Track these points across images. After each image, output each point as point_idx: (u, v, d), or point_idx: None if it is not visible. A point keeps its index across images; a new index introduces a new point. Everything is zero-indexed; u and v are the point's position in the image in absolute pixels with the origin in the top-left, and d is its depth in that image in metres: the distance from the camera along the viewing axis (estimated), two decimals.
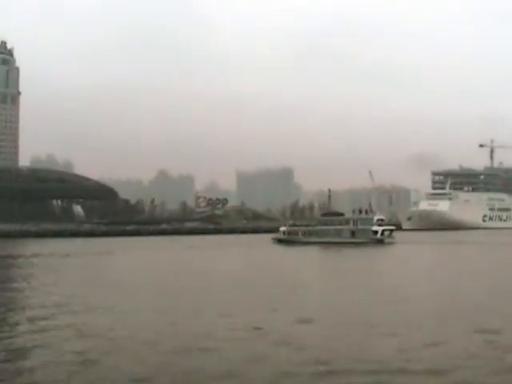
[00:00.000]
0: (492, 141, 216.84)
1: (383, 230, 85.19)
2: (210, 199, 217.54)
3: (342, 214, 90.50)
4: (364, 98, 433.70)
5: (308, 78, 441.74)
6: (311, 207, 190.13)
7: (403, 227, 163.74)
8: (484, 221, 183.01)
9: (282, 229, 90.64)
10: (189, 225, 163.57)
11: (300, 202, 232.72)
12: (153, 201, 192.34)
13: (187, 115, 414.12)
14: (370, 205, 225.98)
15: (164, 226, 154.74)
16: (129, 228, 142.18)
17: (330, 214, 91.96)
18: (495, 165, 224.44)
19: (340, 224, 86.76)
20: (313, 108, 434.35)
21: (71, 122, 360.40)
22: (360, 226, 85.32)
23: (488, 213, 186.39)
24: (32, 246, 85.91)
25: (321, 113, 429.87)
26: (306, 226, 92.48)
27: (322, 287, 35.41)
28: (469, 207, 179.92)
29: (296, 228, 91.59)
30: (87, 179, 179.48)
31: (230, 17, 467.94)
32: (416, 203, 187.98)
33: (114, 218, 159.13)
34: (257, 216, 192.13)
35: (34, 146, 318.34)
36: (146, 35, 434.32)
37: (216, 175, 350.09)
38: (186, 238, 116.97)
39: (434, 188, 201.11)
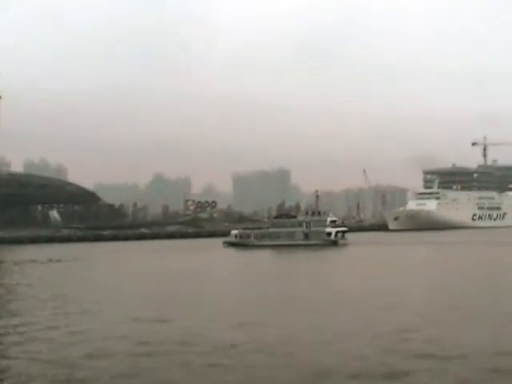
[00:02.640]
0: (485, 138, 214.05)
1: (337, 232, 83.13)
2: (198, 202, 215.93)
3: (294, 217, 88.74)
4: (362, 97, 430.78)
5: (306, 78, 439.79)
6: (298, 208, 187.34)
7: (390, 227, 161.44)
8: (473, 220, 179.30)
9: (234, 232, 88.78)
10: (170, 229, 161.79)
11: (299, 203, 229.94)
12: (135, 205, 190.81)
13: (184, 117, 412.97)
14: (358, 205, 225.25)
15: (143, 231, 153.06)
16: (106, 233, 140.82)
17: (283, 217, 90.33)
18: (489, 162, 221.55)
19: (293, 226, 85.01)
20: (311, 108, 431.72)
21: (66, 126, 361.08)
22: (313, 228, 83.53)
23: (477, 212, 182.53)
24: None
25: (319, 113, 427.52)
26: (259, 228, 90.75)
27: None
28: (457, 206, 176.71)
29: (248, 231, 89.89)
30: (69, 184, 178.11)
31: (228, 17, 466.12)
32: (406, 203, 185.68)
33: (95, 223, 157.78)
34: (242, 218, 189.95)
35: (27, 150, 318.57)
36: (144, 36, 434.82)
37: (213, 178, 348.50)
38: (160, 243, 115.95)
39: (426, 187, 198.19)
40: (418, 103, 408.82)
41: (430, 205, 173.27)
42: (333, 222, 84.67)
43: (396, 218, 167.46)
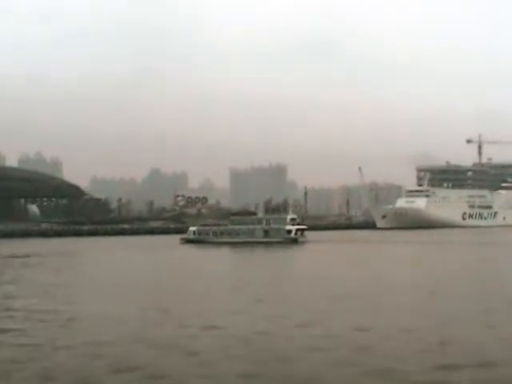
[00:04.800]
0: (480, 136, 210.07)
1: (297, 230, 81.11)
2: (189, 197, 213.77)
3: (254, 214, 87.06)
4: (362, 95, 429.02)
5: (305, 75, 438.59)
6: (285, 204, 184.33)
7: (378, 226, 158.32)
8: (464, 219, 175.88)
9: (192, 229, 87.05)
10: (153, 224, 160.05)
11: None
12: (119, 200, 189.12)
13: (182, 113, 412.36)
14: (347, 202, 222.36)
15: (125, 226, 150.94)
16: (85, 228, 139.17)
17: (242, 214, 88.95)
18: (484, 161, 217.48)
19: (253, 223, 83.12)
20: (309, 105, 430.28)
21: (62, 120, 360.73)
22: (273, 226, 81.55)
23: (468, 210, 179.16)
24: None
25: (317, 110, 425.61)
26: (217, 225, 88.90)
27: None
28: (447, 204, 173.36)
29: (207, 228, 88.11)
30: (53, 178, 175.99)
31: (228, 15, 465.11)
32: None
33: (77, 218, 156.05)
34: (229, 215, 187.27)
35: (23, 145, 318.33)
36: (141, 33, 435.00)
37: (211, 173, 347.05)
38: (135, 238, 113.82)
39: (419, 185, 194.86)
40: (418, 102, 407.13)
41: (419, 203, 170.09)
42: (293, 219, 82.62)
43: (384, 216, 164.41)
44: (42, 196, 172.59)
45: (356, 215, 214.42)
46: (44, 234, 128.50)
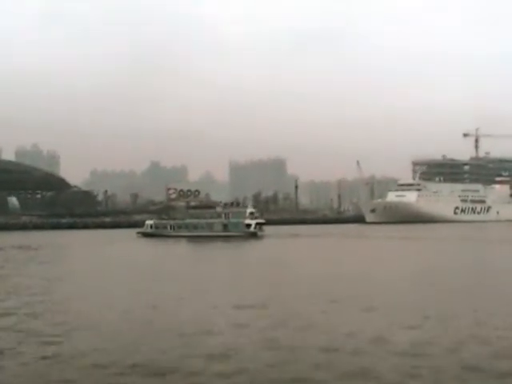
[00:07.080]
0: (477, 130, 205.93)
1: (256, 224, 78.77)
2: (181, 190, 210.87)
3: (213, 207, 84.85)
4: (364, 89, 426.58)
5: (305, 68, 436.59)
6: (275, 198, 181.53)
7: (367, 220, 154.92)
8: (456, 213, 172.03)
9: (149, 222, 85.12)
10: (137, 217, 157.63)
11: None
12: (105, 192, 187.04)
13: (183, 107, 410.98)
14: (339, 196, 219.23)
15: (106, 219, 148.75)
16: (64, 221, 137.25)
17: (201, 207, 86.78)
18: (481, 155, 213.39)
19: (211, 217, 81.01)
20: (310, 98, 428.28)
21: (61, 112, 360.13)
22: (232, 220, 79.59)
23: (460, 205, 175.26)
24: None
25: (318, 103, 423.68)
26: (174, 219, 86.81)
27: None
28: (439, 198, 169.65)
29: (164, 221, 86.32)
30: (36, 169, 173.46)
31: (228, 10, 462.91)
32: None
33: (60, 210, 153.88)
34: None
35: (21, 137, 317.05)
36: (142, 28, 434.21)
37: (211, 166, 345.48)
38: (111, 232, 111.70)
39: (414, 179, 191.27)
40: (418, 98, 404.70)
41: (410, 196, 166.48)
42: (251, 213, 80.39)
43: (373, 210, 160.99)
44: (24, 188, 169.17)
45: (348, 209, 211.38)
46: (23, 227, 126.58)
